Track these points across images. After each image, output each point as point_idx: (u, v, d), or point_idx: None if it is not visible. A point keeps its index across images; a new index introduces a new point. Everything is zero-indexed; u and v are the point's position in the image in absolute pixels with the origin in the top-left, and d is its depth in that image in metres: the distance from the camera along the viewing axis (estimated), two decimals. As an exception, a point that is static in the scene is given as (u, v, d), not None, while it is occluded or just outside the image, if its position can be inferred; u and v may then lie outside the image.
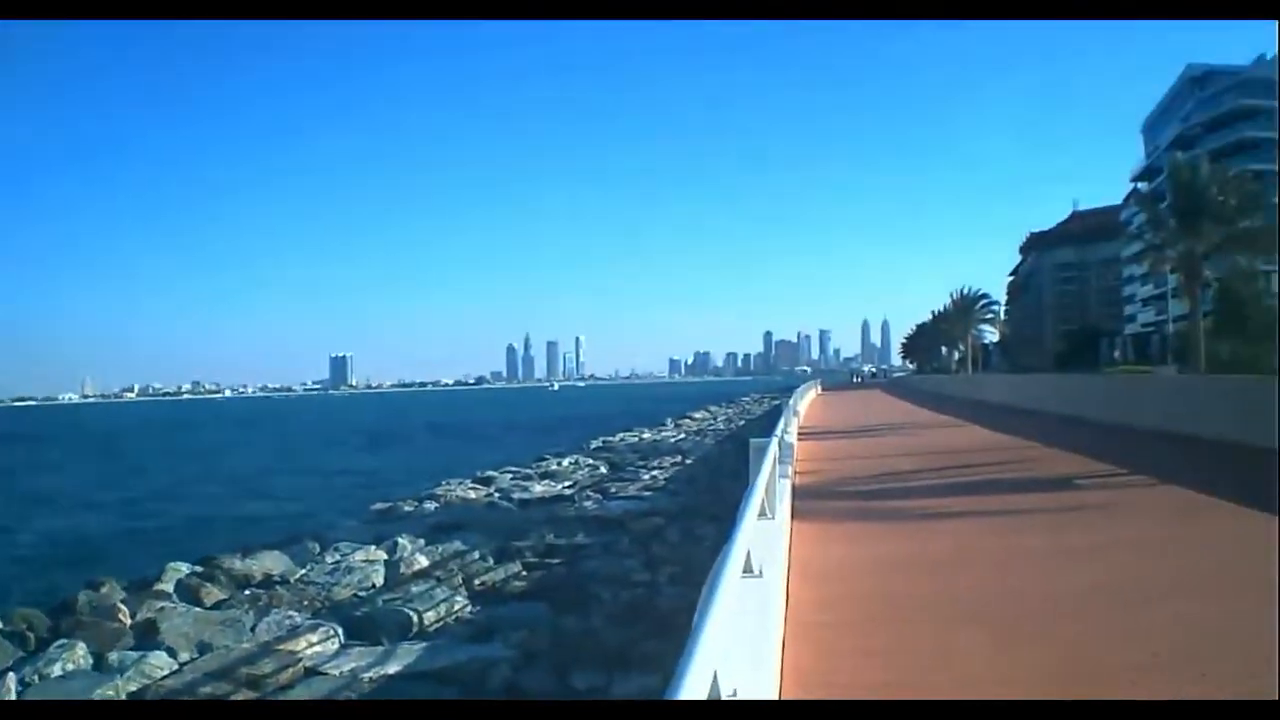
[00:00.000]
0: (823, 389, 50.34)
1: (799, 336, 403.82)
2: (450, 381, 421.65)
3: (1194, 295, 26.65)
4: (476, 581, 10.95)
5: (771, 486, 5.60)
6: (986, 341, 74.70)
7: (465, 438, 54.12)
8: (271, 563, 12.17)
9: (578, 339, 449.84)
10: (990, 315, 69.00)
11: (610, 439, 37.07)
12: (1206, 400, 17.19)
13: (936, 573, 5.85)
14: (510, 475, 24.41)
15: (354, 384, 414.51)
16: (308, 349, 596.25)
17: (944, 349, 76.87)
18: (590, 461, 27.52)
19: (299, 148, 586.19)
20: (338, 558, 12.52)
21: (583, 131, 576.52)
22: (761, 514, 4.93)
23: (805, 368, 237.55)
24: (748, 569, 3.52)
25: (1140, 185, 63.62)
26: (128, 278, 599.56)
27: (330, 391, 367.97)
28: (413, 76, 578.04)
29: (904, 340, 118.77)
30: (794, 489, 8.64)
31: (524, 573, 11.46)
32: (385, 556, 12.43)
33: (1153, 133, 71.92)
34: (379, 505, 20.27)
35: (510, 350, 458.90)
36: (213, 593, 10.75)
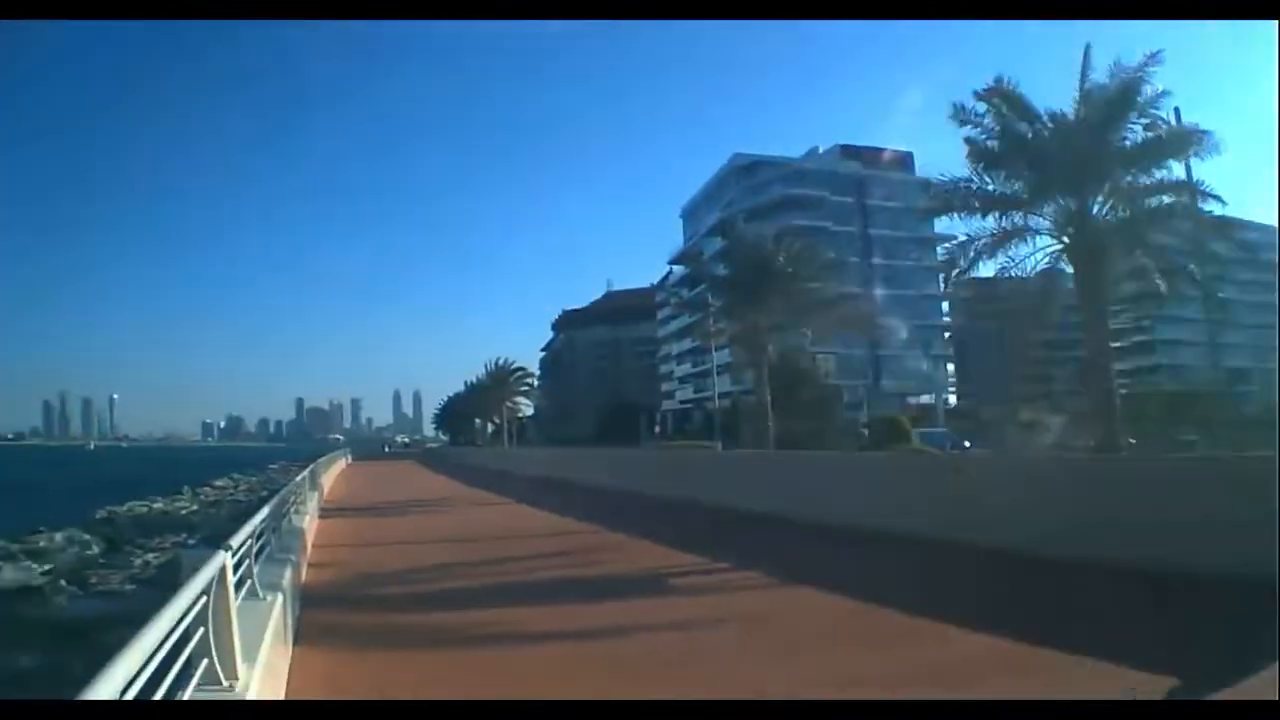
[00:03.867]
0: (353, 459, 49.71)
1: (331, 404, 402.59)
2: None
3: (759, 369, 25.44)
4: None
5: (222, 630, 3.69)
6: (521, 414, 74.89)
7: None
8: None
9: (111, 398, 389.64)
10: (526, 387, 69.70)
11: (117, 509, 34.91)
12: (800, 478, 15.49)
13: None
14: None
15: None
16: None
17: (478, 421, 75.42)
18: (86, 538, 25.20)
19: None
20: None
21: (105, 191, 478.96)
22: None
23: (338, 436, 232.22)
24: None
25: (676, 268, 67.65)
26: None
27: None
28: None
29: (436, 411, 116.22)
30: (304, 594, 7.33)
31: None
32: None
33: (692, 218, 78.11)
34: None
35: (47, 406, 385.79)
36: None
